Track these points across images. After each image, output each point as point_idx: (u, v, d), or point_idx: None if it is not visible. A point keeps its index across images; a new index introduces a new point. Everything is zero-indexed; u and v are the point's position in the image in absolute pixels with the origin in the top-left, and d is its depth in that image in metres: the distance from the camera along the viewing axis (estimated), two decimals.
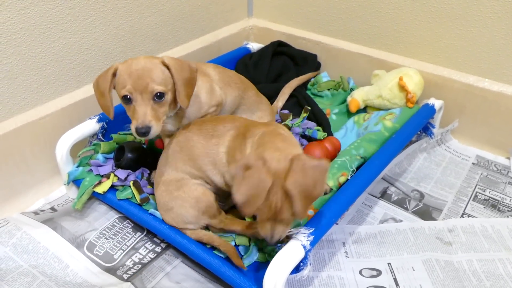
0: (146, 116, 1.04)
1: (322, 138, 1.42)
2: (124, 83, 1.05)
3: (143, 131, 1.04)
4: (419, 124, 1.47)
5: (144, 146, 1.41)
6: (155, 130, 1.05)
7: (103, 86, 1.08)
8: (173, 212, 1.15)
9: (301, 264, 1.01)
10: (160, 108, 1.08)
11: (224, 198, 1.22)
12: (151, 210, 1.20)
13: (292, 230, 1.03)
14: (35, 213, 1.34)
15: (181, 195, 1.14)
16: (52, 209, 1.37)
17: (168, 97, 1.09)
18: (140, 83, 1.04)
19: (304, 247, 0.99)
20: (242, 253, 1.14)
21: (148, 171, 1.34)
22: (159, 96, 1.06)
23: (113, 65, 1.07)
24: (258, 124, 1.10)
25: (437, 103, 1.54)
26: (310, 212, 1.17)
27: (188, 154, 1.15)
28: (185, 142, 1.16)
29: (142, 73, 1.04)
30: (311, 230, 1.03)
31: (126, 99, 1.06)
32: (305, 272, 1.01)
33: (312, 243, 1.01)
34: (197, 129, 1.16)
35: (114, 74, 1.07)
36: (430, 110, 1.51)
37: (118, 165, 1.32)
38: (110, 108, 1.10)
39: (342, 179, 1.24)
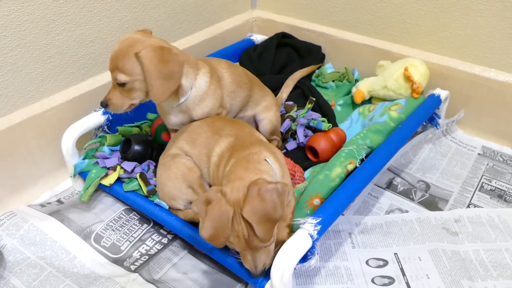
0: (108, 94, 1.14)
1: (327, 129, 1.42)
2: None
3: (102, 103, 1.15)
4: (425, 115, 1.47)
5: (150, 139, 1.41)
6: (112, 107, 1.14)
7: None
8: (165, 186, 1.18)
9: (309, 253, 1.01)
10: (126, 92, 1.13)
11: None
12: (157, 201, 1.20)
13: (299, 219, 1.03)
14: (42, 205, 1.34)
15: (171, 167, 1.16)
16: (59, 201, 1.37)
17: (135, 85, 1.11)
18: (111, 65, 1.11)
19: (312, 236, 0.99)
20: None
21: (154, 164, 1.34)
22: (122, 84, 1.11)
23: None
24: (248, 145, 1.08)
25: (442, 93, 1.53)
26: (317, 201, 1.17)
27: (193, 137, 1.18)
28: (197, 127, 1.19)
29: (114, 57, 1.09)
30: (318, 220, 1.03)
31: None
32: (313, 261, 1.01)
33: (320, 233, 1.01)
34: (211, 121, 1.19)
35: None
36: (436, 101, 1.51)
37: (125, 157, 1.32)
38: None
39: (350, 167, 1.24)
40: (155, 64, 1.06)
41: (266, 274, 1.02)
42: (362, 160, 1.27)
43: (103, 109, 1.38)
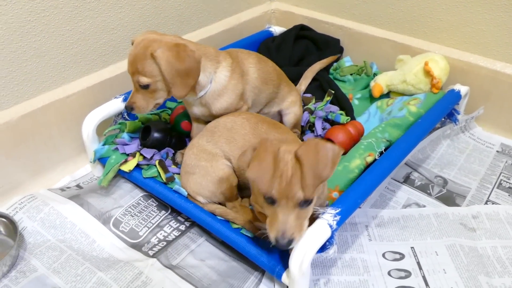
0: (132, 98, 1.16)
1: (345, 122, 1.42)
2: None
3: (128, 107, 1.18)
4: (444, 110, 1.46)
5: (169, 127, 1.42)
6: (138, 110, 1.17)
7: None
8: (193, 178, 1.18)
9: (327, 243, 1.01)
10: (149, 94, 1.15)
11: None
12: (176, 187, 1.21)
13: (318, 209, 1.04)
14: (62, 189, 1.36)
15: (208, 167, 1.16)
16: (78, 186, 1.39)
17: (157, 86, 1.13)
18: (130, 69, 1.13)
19: (331, 226, 1.00)
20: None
21: (173, 151, 1.35)
22: (144, 86, 1.13)
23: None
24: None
25: (463, 89, 1.52)
26: (335, 194, 1.17)
27: (234, 137, 1.16)
28: (239, 126, 1.17)
29: (133, 61, 1.11)
30: (337, 210, 1.03)
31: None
32: (331, 251, 1.01)
33: (339, 223, 1.01)
34: (254, 123, 1.17)
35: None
36: (456, 96, 1.50)
37: (144, 144, 1.33)
38: None
39: (369, 159, 1.24)
40: (172, 63, 1.08)
41: (283, 262, 1.02)
42: (381, 153, 1.27)
43: (124, 95, 1.39)
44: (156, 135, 1.32)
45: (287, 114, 1.40)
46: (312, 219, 1.04)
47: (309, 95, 1.60)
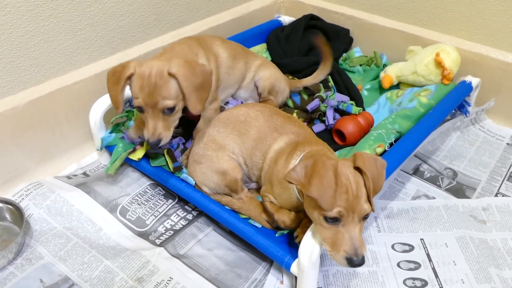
0: (156, 129, 1.08)
1: (357, 113, 1.40)
2: (136, 94, 1.08)
3: (154, 144, 1.09)
4: (456, 101, 1.44)
5: None
6: (165, 140, 1.10)
7: (116, 85, 1.09)
8: (200, 168, 1.18)
9: None
10: (171, 117, 1.11)
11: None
12: (184, 176, 1.20)
13: None
14: (68, 177, 1.35)
15: (213, 157, 1.15)
16: (85, 174, 1.38)
17: (179, 106, 1.11)
18: (150, 99, 1.06)
19: None
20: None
21: (183, 141, 1.34)
22: (170, 109, 1.08)
23: (129, 64, 1.07)
24: (314, 142, 1.08)
25: (474, 80, 1.50)
26: None
27: (247, 129, 1.15)
28: (252, 119, 1.16)
29: (153, 90, 1.06)
30: None
31: (139, 108, 1.09)
32: None
33: None
34: (269, 115, 1.16)
35: (129, 77, 1.08)
36: (467, 88, 1.48)
37: None
38: (119, 104, 1.11)
39: (379, 150, 1.23)
40: (189, 78, 1.07)
41: (292, 253, 1.01)
42: (391, 144, 1.26)
43: None
44: None
45: (257, 80, 1.44)
46: None
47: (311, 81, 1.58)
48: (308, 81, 1.53)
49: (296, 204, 1.06)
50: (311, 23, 1.84)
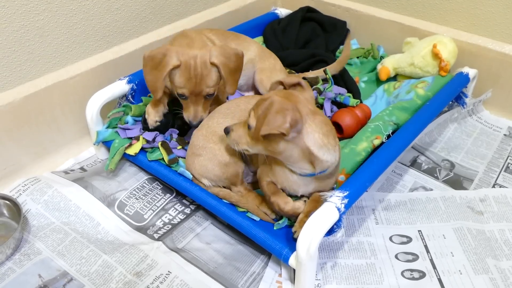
0: (198, 112, 1.22)
1: (354, 105, 1.40)
2: (181, 85, 1.18)
3: (196, 124, 1.23)
4: (453, 93, 1.44)
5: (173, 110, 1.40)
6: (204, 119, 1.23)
7: (155, 71, 1.15)
8: (199, 160, 1.16)
9: (335, 226, 1.00)
10: (209, 101, 1.23)
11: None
12: (181, 170, 1.20)
13: (326, 193, 1.03)
14: (65, 172, 1.35)
15: (215, 150, 1.14)
16: (82, 169, 1.38)
17: (216, 90, 1.23)
18: (196, 89, 1.18)
19: (339, 209, 0.98)
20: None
21: (177, 132, 1.33)
22: (210, 95, 1.21)
23: (170, 52, 1.14)
24: None
25: (471, 72, 1.50)
26: (341, 178, 1.16)
27: (246, 117, 1.13)
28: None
29: (200, 81, 1.17)
30: (345, 193, 1.02)
31: (181, 96, 1.21)
32: (339, 235, 1.00)
33: (347, 206, 1.00)
34: None
35: (174, 68, 1.15)
36: (464, 79, 1.48)
37: (146, 128, 1.31)
38: (159, 90, 1.17)
39: (377, 142, 1.23)
40: (226, 63, 1.17)
41: (290, 246, 1.02)
42: (388, 136, 1.26)
43: (128, 77, 1.38)
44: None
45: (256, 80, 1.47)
46: (320, 202, 1.03)
47: (312, 75, 1.57)
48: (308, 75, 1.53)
49: (291, 181, 1.06)
50: (307, 16, 1.84)
